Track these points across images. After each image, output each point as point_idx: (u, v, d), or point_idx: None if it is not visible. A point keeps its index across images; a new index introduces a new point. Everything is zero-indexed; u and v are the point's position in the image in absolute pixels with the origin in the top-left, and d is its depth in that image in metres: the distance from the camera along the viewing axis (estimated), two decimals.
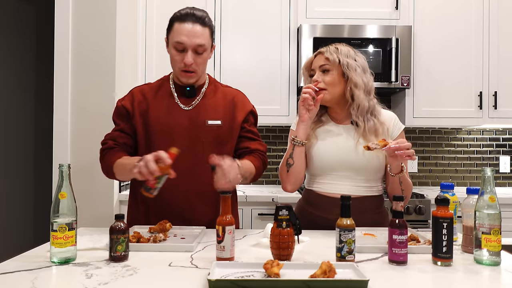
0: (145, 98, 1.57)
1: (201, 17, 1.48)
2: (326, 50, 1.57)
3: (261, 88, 2.75)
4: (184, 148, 1.46)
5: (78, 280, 0.97)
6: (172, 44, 1.48)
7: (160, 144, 1.44)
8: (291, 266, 1.02)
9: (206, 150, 1.49)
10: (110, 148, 1.54)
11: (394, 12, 2.73)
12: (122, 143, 1.55)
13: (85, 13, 2.37)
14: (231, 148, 1.59)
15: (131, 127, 1.56)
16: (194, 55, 1.47)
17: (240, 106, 1.61)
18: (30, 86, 3.34)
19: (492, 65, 2.74)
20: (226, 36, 2.75)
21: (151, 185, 1.28)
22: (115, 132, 1.57)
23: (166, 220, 1.42)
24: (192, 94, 1.56)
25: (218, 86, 1.65)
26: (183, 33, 1.45)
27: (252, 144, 1.61)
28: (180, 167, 1.43)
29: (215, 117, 1.55)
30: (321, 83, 1.55)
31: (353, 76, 1.52)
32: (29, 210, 3.29)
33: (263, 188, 2.88)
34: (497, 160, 3.12)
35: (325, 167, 1.56)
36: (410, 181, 1.53)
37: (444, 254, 1.09)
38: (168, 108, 1.54)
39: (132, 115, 1.55)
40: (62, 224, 1.10)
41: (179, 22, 1.46)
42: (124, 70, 2.51)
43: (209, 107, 1.57)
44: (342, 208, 1.12)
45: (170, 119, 1.53)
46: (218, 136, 1.55)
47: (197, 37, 1.45)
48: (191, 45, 1.46)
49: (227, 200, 1.13)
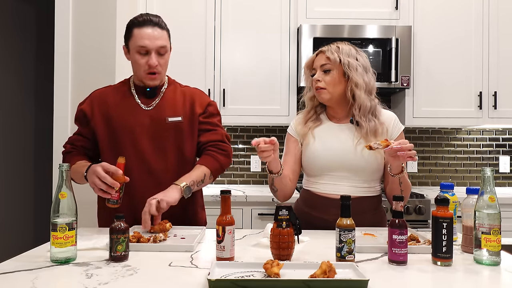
0: (105, 101, 1.60)
1: (158, 22, 1.54)
2: (328, 49, 1.56)
3: (261, 88, 2.75)
4: (148, 146, 1.55)
5: (78, 280, 0.97)
6: (135, 49, 1.53)
7: (125, 145, 1.54)
8: (291, 266, 1.02)
9: (169, 147, 1.57)
10: (67, 153, 1.63)
11: (394, 12, 2.73)
12: (80, 146, 1.62)
13: (85, 13, 2.37)
14: (193, 142, 1.63)
15: (89, 130, 1.60)
16: (157, 57, 1.53)
17: (198, 101, 1.64)
18: (30, 86, 3.34)
19: (492, 65, 2.74)
20: (226, 36, 2.75)
21: (115, 197, 1.40)
22: (74, 135, 1.65)
23: (166, 220, 1.42)
24: (152, 94, 1.61)
25: (177, 86, 1.69)
26: (145, 37, 1.50)
27: (205, 136, 1.63)
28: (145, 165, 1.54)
29: (175, 114, 1.59)
30: (322, 82, 1.55)
31: (354, 76, 1.52)
32: (29, 210, 3.29)
33: (263, 188, 2.88)
34: (497, 160, 3.12)
35: (323, 168, 1.56)
36: (409, 182, 1.52)
37: (444, 254, 1.09)
38: (129, 109, 1.58)
39: (91, 118, 1.59)
40: (62, 224, 1.10)
41: (139, 28, 1.52)
42: (124, 70, 2.50)
43: (169, 105, 1.61)
44: (342, 208, 1.12)
45: (132, 119, 1.56)
46: (180, 131, 1.59)
47: (158, 39, 1.51)
48: (154, 48, 1.51)
49: (227, 200, 1.13)
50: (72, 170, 1.53)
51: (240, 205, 2.46)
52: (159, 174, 1.55)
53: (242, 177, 3.10)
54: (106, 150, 1.58)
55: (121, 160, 1.43)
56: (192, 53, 2.72)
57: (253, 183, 3.10)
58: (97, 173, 1.37)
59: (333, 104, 1.59)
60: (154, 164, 1.55)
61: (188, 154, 1.61)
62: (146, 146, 1.55)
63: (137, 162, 1.53)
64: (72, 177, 1.55)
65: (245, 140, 3.09)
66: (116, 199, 1.40)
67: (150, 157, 1.55)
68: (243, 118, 2.75)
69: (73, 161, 1.56)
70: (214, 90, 2.73)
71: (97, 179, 1.37)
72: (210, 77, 2.73)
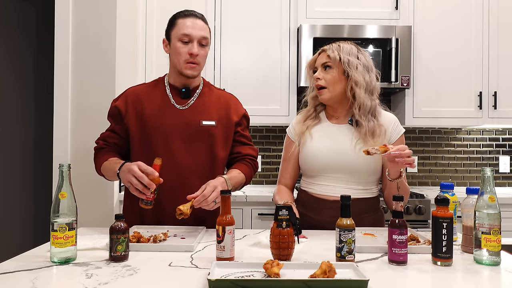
0: (140, 99, 1.59)
1: (202, 16, 1.57)
2: (329, 47, 1.57)
3: (261, 88, 2.75)
4: (179, 147, 1.53)
5: (78, 280, 0.97)
6: (178, 37, 1.52)
7: (157, 144, 1.52)
8: (291, 266, 1.02)
9: (201, 150, 1.55)
10: (100, 149, 1.62)
11: (394, 12, 2.73)
12: (112, 143, 1.61)
13: (85, 13, 2.37)
14: (225, 150, 1.61)
15: (123, 127, 1.59)
16: (199, 47, 1.53)
17: (233, 108, 1.64)
18: (30, 86, 3.34)
19: (492, 65, 2.74)
20: (226, 36, 2.75)
21: (150, 198, 1.36)
22: (107, 132, 1.64)
23: None
24: (187, 95, 1.59)
25: (212, 88, 1.68)
26: (189, 26, 1.51)
27: (244, 149, 1.66)
28: (175, 166, 1.52)
29: (209, 118, 1.58)
30: (322, 80, 1.54)
31: (353, 74, 1.50)
32: (29, 210, 3.29)
33: (263, 188, 2.88)
34: (496, 160, 3.12)
35: (319, 168, 1.55)
36: (408, 186, 1.52)
37: (444, 254, 1.09)
38: (163, 108, 1.57)
39: (125, 115, 1.57)
40: (62, 224, 1.10)
41: (183, 18, 1.54)
42: (124, 70, 2.51)
43: (203, 107, 1.59)
44: (342, 208, 1.12)
45: (165, 119, 1.55)
46: (213, 136, 1.56)
47: (201, 30, 1.53)
48: (196, 36, 1.52)
49: (227, 200, 1.13)
50: (104, 167, 1.54)
51: (240, 205, 2.46)
52: (188, 176, 1.52)
53: None
54: (137, 148, 1.56)
55: (158, 161, 1.39)
56: None
57: (253, 183, 3.10)
58: (133, 172, 1.34)
59: (334, 104, 1.59)
60: (184, 165, 1.53)
61: (220, 160, 1.59)
62: (178, 147, 1.53)
63: (167, 162, 1.49)
64: (103, 173, 1.57)
65: None
66: (151, 200, 1.37)
67: (180, 158, 1.53)
68: None
69: (106, 157, 1.56)
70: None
71: (134, 178, 1.34)
72: (210, 77, 2.73)
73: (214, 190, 1.38)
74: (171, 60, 1.58)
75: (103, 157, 1.57)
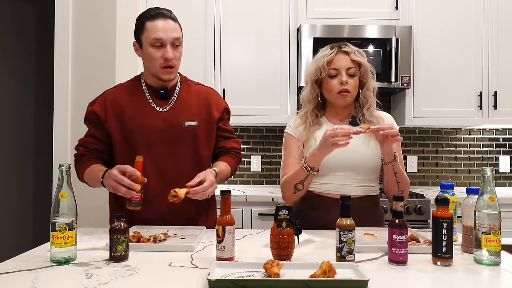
0: (119, 102, 1.54)
1: (169, 14, 1.50)
2: (351, 50, 1.54)
3: (261, 88, 2.75)
4: (163, 150, 1.51)
5: (78, 280, 0.97)
6: (149, 43, 1.47)
7: (140, 148, 1.48)
8: (291, 266, 1.02)
9: (185, 151, 1.53)
10: (81, 155, 1.55)
11: (394, 12, 2.73)
12: (94, 149, 1.54)
13: (85, 13, 2.37)
14: (209, 148, 1.60)
15: (103, 133, 1.53)
16: (172, 50, 1.48)
17: (214, 104, 1.61)
18: (30, 86, 3.34)
19: (492, 65, 2.74)
20: (226, 36, 2.75)
21: (137, 198, 1.33)
22: (86, 137, 1.57)
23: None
24: (166, 96, 1.56)
25: (190, 84, 1.64)
26: (159, 29, 1.45)
27: (228, 143, 1.66)
28: (160, 169, 1.50)
29: (191, 118, 1.55)
30: (349, 85, 1.53)
31: (370, 81, 1.57)
32: (28, 210, 3.29)
33: (263, 188, 2.88)
34: (497, 160, 3.12)
35: (327, 169, 1.53)
36: (406, 176, 1.53)
37: (444, 254, 1.09)
38: (143, 111, 1.52)
39: (105, 120, 1.52)
40: (62, 224, 1.10)
41: (151, 21, 1.47)
42: (124, 70, 2.50)
43: (184, 108, 1.56)
44: (342, 208, 1.12)
45: (147, 122, 1.51)
46: (196, 137, 1.55)
47: (172, 31, 1.47)
48: (168, 39, 1.46)
49: (227, 200, 1.13)
50: (87, 175, 1.49)
51: (240, 205, 2.46)
52: (173, 178, 1.47)
53: (242, 177, 3.10)
54: (120, 152, 1.52)
55: (139, 158, 1.36)
56: (192, 53, 2.71)
57: (253, 183, 3.10)
58: (113, 176, 1.31)
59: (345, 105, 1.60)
60: (169, 168, 1.50)
61: (204, 159, 1.57)
62: (161, 150, 1.51)
63: (151, 166, 1.48)
64: (87, 181, 1.51)
65: (245, 140, 3.09)
66: (138, 200, 1.33)
67: (164, 162, 1.51)
68: (243, 118, 2.74)
69: (88, 163, 1.50)
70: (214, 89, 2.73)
71: (115, 182, 1.31)
72: (210, 77, 2.73)
73: (212, 186, 1.39)
74: (145, 64, 1.54)
75: (84, 164, 1.50)
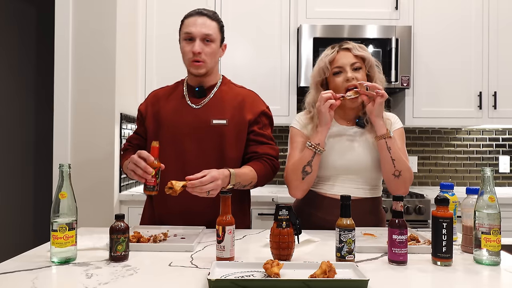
0: (158, 100, 1.63)
1: (207, 13, 1.55)
2: (353, 47, 1.51)
3: (261, 88, 2.71)
4: (189, 146, 1.53)
5: (78, 280, 0.97)
6: (183, 37, 1.54)
7: (166, 142, 1.51)
8: (291, 266, 1.02)
9: (211, 150, 1.52)
10: (125, 150, 1.69)
11: (394, 12, 2.73)
12: (135, 144, 1.67)
13: (85, 13, 2.37)
14: (236, 150, 1.54)
15: (144, 129, 1.64)
16: (202, 45, 1.51)
17: (249, 106, 1.58)
18: (30, 86, 3.34)
19: (492, 65, 2.74)
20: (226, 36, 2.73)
21: (151, 183, 1.34)
22: (133, 134, 1.71)
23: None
24: (201, 94, 1.58)
25: (232, 87, 1.65)
26: (191, 25, 1.52)
27: (262, 148, 1.56)
28: (184, 165, 1.50)
29: (221, 116, 1.54)
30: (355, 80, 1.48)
31: (377, 74, 1.53)
32: (29, 210, 3.29)
33: (263, 188, 2.87)
34: (496, 160, 3.12)
35: (335, 170, 1.52)
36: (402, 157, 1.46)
37: (444, 254, 1.10)
38: (178, 108, 1.58)
39: (145, 117, 1.63)
40: (62, 224, 1.10)
41: (188, 18, 1.55)
42: (124, 69, 2.51)
43: (216, 106, 1.56)
44: (342, 208, 1.13)
45: (177, 118, 1.56)
46: (223, 135, 1.52)
47: (203, 27, 1.51)
48: (198, 34, 1.51)
49: (227, 200, 1.13)
50: (124, 166, 1.58)
51: None
52: None
53: None
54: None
55: (155, 144, 1.36)
56: None
57: None
58: (132, 159, 1.35)
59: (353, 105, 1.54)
60: (192, 165, 1.48)
61: (230, 161, 1.51)
62: (188, 147, 1.52)
63: (175, 161, 1.49)
64: (125, 172, 1.55)
65: None
66: (153, 185, 1.33)
67: (189, 158, 1.51)
68: None
69: (126, 157, 1.58)
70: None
71: (133, 165, 1.34)
72: None
73: (213, 182, 1.32)
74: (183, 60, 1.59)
75: (125, 157, 1.61)
